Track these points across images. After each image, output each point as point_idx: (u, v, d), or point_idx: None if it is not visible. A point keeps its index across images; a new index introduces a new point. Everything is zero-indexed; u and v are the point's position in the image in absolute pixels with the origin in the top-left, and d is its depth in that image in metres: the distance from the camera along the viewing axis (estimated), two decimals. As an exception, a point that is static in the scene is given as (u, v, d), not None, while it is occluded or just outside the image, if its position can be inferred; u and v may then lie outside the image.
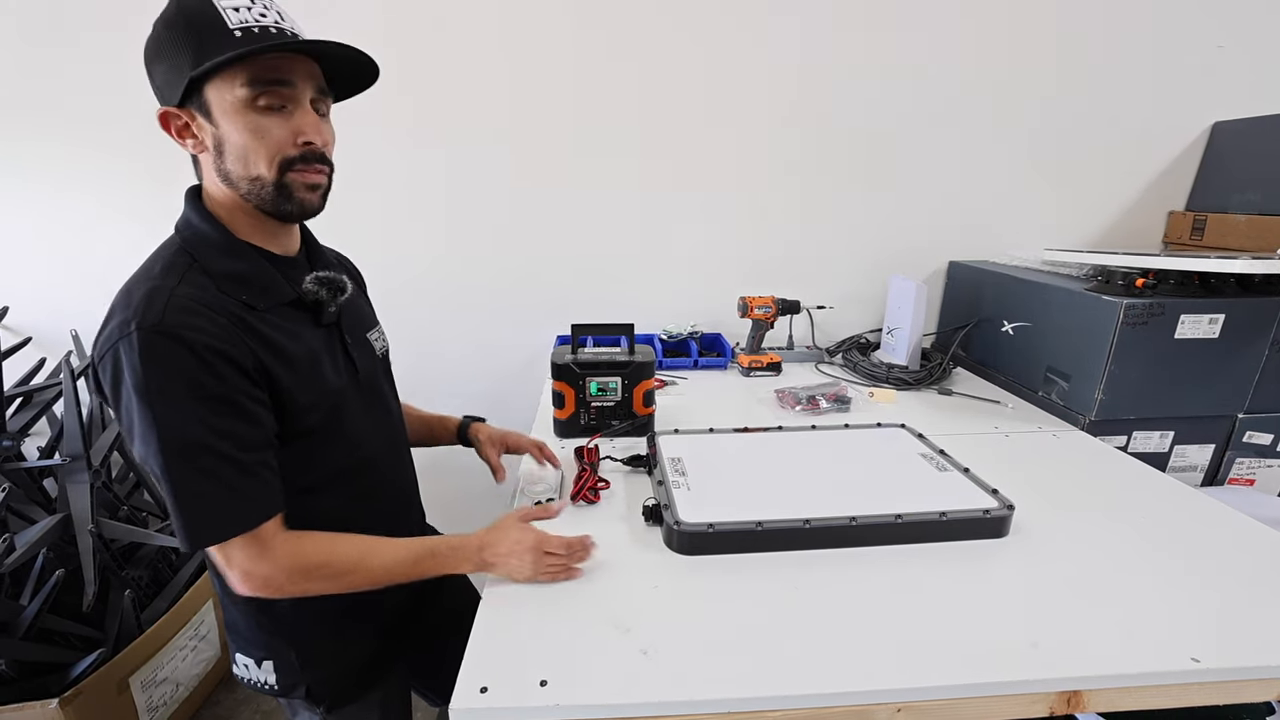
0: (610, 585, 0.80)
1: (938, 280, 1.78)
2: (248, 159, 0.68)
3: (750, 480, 0.99)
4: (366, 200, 1.60)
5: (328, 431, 0.77)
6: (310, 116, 0.71)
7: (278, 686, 0.83)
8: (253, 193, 0.71)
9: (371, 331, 0.91)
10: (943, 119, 1.62)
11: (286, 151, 0.70)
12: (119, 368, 0.63)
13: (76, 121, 1.52)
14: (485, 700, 0.62)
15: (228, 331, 0.66)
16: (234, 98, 0.66)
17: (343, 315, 0.83)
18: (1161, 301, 1.19)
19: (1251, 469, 1.35)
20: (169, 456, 0.63)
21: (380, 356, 0.92)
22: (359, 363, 0.84)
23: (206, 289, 0.68)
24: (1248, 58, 1.59)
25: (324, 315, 0.79)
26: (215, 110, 0.67)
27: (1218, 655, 0.67)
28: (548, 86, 1.56)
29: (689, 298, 1.76)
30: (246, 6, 0.66)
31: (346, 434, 0.80)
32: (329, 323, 0.80)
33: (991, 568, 0.83)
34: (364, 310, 0.93)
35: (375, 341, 0.91)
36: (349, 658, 0.87)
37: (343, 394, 0.79)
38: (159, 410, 0.63)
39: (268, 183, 0.70)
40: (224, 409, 0.66)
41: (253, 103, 0.67)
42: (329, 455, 0.78)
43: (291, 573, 0.71)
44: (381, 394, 0.90)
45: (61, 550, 1.41)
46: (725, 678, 0.65)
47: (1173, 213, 1.72)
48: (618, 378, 1.19)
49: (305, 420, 0.74)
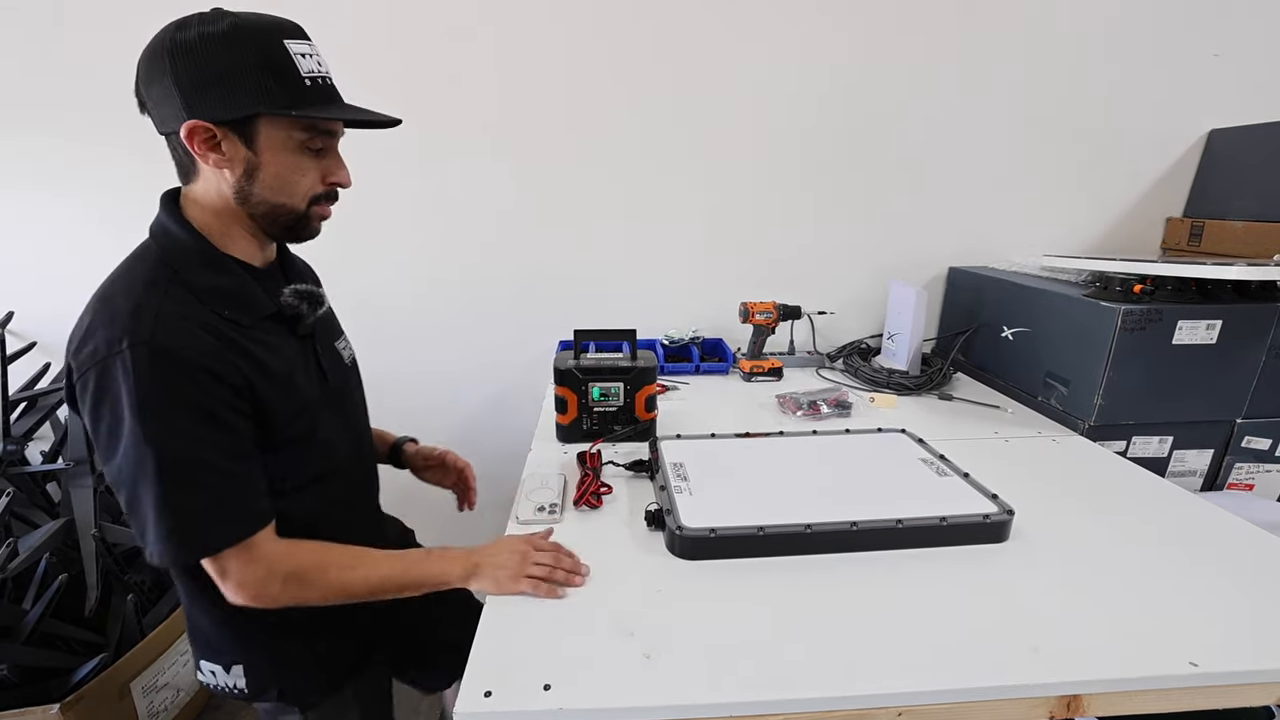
0: (613, 590, 0.80)
1: (938, 286, 1.79)
2: (283, 190, 0.72)
3: (752, 485, 0.99)
4: (371, 210, 1.60)
5: (303, 442, 0.78)
6: (339, 160, 0.77)
7: (248, 690, 0.83)
8: (268, 216, 0.74)
9: (339, 340, 0.92)
10: (943, 126, 1.64)
11: (318, 189, 0.75)
12: (106, 384, 0.63)
13: (84, 125, 1.53)
14: (489, 705, 0.62)
15: (215, 348, 0.67)
16: (289, 138, 0.71)
17: (316, 326, 0.84)
18: (1159, 307, 1.20)
19: (1250, 474, 1.35)
20: (164, 472, 0.64)
21: (349, 365, 0.93)
22: (329, 373, 0.85)
23: (190, 304, 0.68)
24: (1244, 65, 1.60)
25: (301, 327, 0.80)
26: (262, 141, 0.69)
27: (1217, 659, 0.68)
28: (548, 94, 1.57)
29: (691, 303, 1.77)
30: (308, 54, 0.71)
31: (319, 443, 0.81)
32: (305, 334, 0.82)
33: (991, 572, 0.83)
34: (331, 319, 0.94)
35: (343, 350, 0.92)
36: (323, 657, 0.87)
37: (317, 404, 0.80)
38: (153, 427, 0.63)
39: (294, 213, 0.74)
40: (215, 424, 0.67)
41: (304, 145, 0.72)
42: (303, 464, 0.79)
43: (286, 580, 0.72)
44: (350, 402, 0.91)
45: (64, 555, 1.41)
46: (727, 682, 0.65)
47: (1170, 219, 1.73)
48: (620, 383, 1.19)
49: (284, 432, 0.75)
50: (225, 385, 0.67)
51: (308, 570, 0.73)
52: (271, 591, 0.71)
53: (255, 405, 0.71)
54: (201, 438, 0.66)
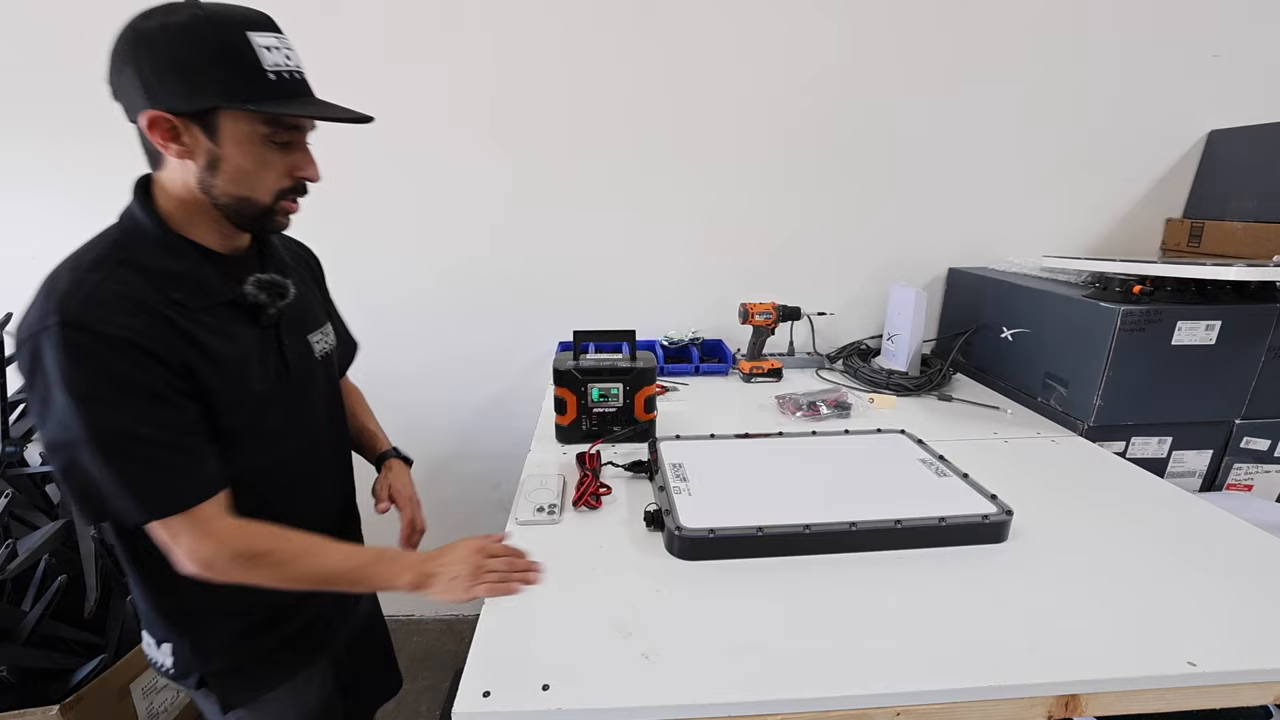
0: (612, 590, 0.80)
1: (938, 287, 1.79)
2: (247, 184, 0.72)
3: (751, 486, 1.00)
4: (371, 210, 1.61)
5: (246, 432, 0.77)
6: (308, 155, 0.76)
7: (173, 670, 0.84)
8: (232, 208, 0.73)
9: (315, 332, 0.90)
10: (942, 126, 1.64)
11: (284, 184, 0.74)
12: (38, 357, 0.64)
13: (80, 125, 1.53)
14: (488, 705, 0.62)
15: (151, 328, 0.67)
16: (252, 131, 0.69)
17: (285, 316, 0.83)
18: (1159, 308, 1.20)
19: (1249, 474, 1.35)
20: (97, 445, 0.65)
21: (320, 359, 0.90)
22: (293, 364, 0.83)
23: (133, 284, 0.68)
24: (1244, 66, 1.61)
25: (263, 318, 0.79)
26: (225, 134, 0.68)
27: (1215, 659, 0.68)
28: (549, 94, 1.58)
29: (690, 304, 1.77)
30: (274, 46, 0.69)
31: (266, 435, 0.80)
32: (268, 324, 0.80)
33: (990, 572, 0.83)
34: (311, 308, 0.92)
35: (317, 343, 0.90)
36: (249, 656, 0.85)
37: (268, 396, 0.79)
38: (82, 402, 0.64)
39: (259, 207, 0.74)
40: (149, 398, 0.67)
41: (267, 139, 0.71)
42: (244, 454, 0.78)
43: (235, 556, 0.72)
44: (311, 397, 0.89)
45: (63, 556, 1.41)
46: (726, 682, 0.65)
47: (1170, 220, 1.73)
48: (619, 384, 1.19)
49: (225, 421, 0.74)
50: (158, 362, 0.67)
51: (256, 552, 0.73)
52: (219, 566, 0.71)
53: (196, 389, 0.71)
54: (133, 411, 0.66)
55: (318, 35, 1.46)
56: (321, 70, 0.75)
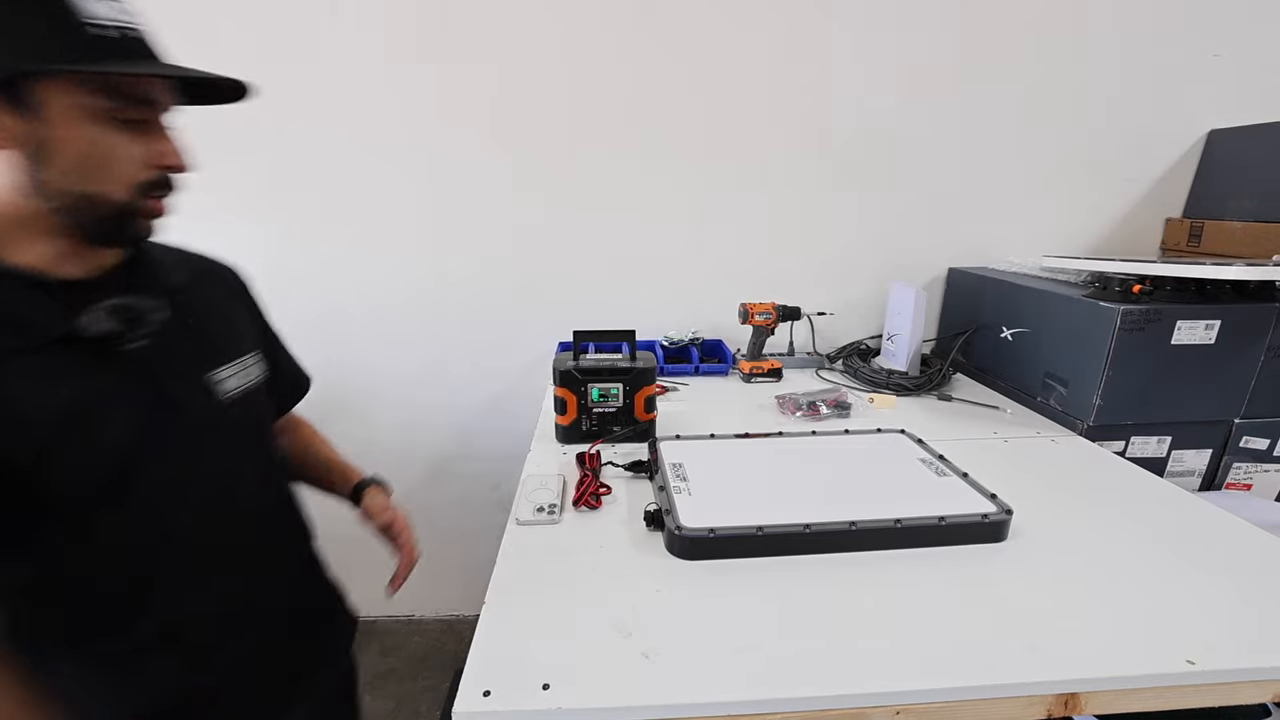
0: (612, 589, 0.80)
1: (937, 287, 1.80)
2: (92, 176, 0.57)
3: (751, 485, 1.00)
4: (373, 213, 1.61)
5: (106, 499, 0.61)
6: (168, 138, 0.62)
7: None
8: (74, 210, 0.58)
9: (228, 365, 0.72)
10: (942, 126, 1.64)
11: (144, 175, 0.60)
12: None
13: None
14: (488, 704, 0.63)
15: None
16: (87, 105, 0.55)
17: (164, 351, 0.65)
18: (1158, 308, 1.20)
19: (1249, 474, 1.35)
20: None
21: (235, 397, 0.72)
22: (185, 407, 0.67)
23: None
24: (1244, 65, 1.61)
25: (114, 353, 0.61)
26: (50, 111, 0.54)
27: (1214, 658, 0.68)
28: (547, 95, 1.58)
29: (690, 304, 1.77)
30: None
31: (143, 500, 0.64)
32: (134, 360, 0.63)
33: (990, 572, 0.84)
34: (221, 335, 0.75)
35: (229, 378, 0.72)
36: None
37: (137, 450, 0.63)
38: None
39: (112, 204, 0.59)
40: None
41: (110, 115, 0.57)
42: (108, 528, 0.62)
43: None
44: (219, 445, 0.71)
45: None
46: (726, 681, 0.66)
47: (1170, 220, 1.73)
48: (619, 384, 1.19)
49: (65, 490, 0.59)
50: None
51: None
52: None
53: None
54: None
55: (318, 35, 1.47)
56: (321, 70, 0.74)
